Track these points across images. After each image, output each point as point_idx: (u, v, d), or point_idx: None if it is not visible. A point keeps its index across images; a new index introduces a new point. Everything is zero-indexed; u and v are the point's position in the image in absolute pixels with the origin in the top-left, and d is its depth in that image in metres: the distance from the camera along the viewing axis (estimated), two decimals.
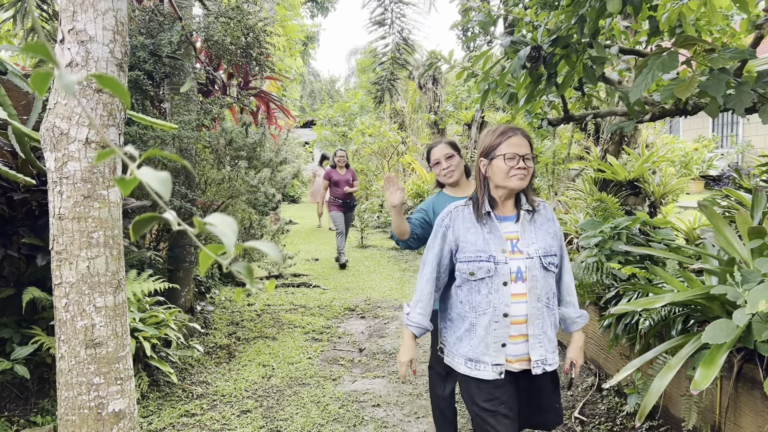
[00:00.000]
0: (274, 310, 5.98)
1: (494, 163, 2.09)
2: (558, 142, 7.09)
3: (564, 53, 3.27)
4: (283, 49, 12.08)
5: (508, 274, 2.04)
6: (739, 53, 2.77)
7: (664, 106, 3.57)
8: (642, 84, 2.49)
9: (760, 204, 2.75)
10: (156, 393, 3.84)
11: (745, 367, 2.68)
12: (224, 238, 0.64)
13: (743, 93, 2.69)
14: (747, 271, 2.45)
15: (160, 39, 3.98)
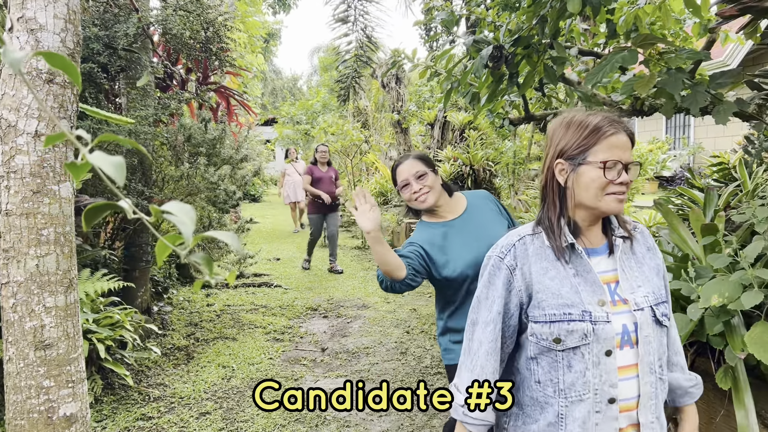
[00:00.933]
0: (235, 311, 5.88)
1: (582, 171, 1.39)
2: (519, 142, 7.19)
3: (525, 53, 3.31)
4: (245, 46, 11.91)
5: (612, 338, 1.37)
6: (695, 54, 2.85)
7: (621, 107, 3.65)
8: (599, 74, 2.54)
9: (712, 202, 2.84)
10: (111, 396, 3.72)
11: (698, 360, 2.76)
12: (182, 227, 0.61)
13: (698, 93, 2.77)
14: (700, 267, 2.52)
15: (116, 31, 3.85)
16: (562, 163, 1.42)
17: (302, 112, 15.83)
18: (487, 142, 8.32)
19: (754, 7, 2.82)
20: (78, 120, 3.81)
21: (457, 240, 2.20)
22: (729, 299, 2.21)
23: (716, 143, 12.85)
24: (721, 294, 2.23)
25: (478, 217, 2.28)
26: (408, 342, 4.89)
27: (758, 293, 2.15)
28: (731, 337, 2.30)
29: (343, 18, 4.86)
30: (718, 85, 2.78)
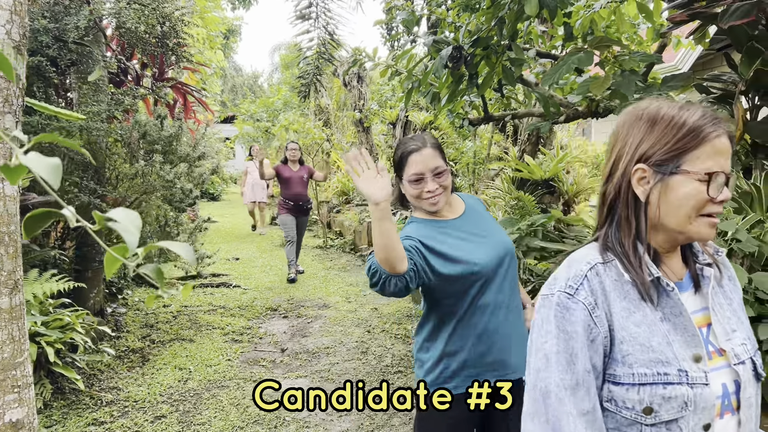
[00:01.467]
0: (192, 312, 5.76)
1: (675, 183, 1.04)
2: (479, 142, 7.27)
3: (484, 54, 3.34)
4: (203, 42, 11.69)
5: (712, 406, 1.02)
6: (648, 57, 2.93)
7: (577, 108, 3.72)
8: (555, 74, 2.58)
9: None
10: (61, 401, 3.60)
11: None
12: (126, 235, 0.58)
13: (651, 95, 2.85)
14: None
15: (66, 23, 3.72)
16: (644, 170, 1.07)
17: (263, 110, 15.64)
18: (447, 142, 8.38)
19: (702, 13, 2.91)
20: (26, 115, 3.66)
21: (460, 238, 1.91)
22: None
23: None
24: None
25: (479, 218, 2.03)
26: (369, 341, 4.88)
27: None
28: None
29: (305, 15, 4.82)
30: (670, 88, 2.86)
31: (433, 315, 1.93)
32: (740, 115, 2.86)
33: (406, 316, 5.60)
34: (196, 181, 4.95)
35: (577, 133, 10.84)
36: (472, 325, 1.84)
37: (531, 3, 2.64)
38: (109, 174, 4.60)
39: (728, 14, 2.59)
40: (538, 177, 5.15)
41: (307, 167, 7.56)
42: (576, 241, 3.81)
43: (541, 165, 5.19)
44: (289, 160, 7.40)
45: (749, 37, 2.83)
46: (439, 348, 1.88)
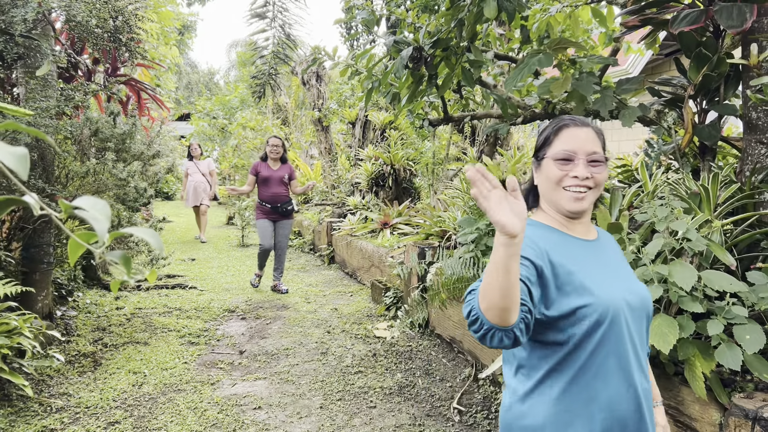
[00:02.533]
0: (146, 314, 5.62)
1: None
2: (438, 143, 7.33)
3: (444, 55, 3.37)
4: (157, 37, 11.40)
5: None
6: (604, 59, 3.01)
7: (534, 110, 3.79)
8: (518, 76, 2.63)
9: (617, 202, 3.01)
10: (8, 408, 3.45)
11: None
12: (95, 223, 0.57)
13: (606, 97, 2.93)
14: None
15: (12, 15, 3.57)
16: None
17: (219, 108, 15.38)
18: (407, 142, 8.42)
19: (654, 19, 3.01)
20: None
21: (596, 266, 1.46)
22: None
23: (620, 146, 13.68)
24: None
25: (615, 252, 1.60)
26: (329, 342, 4.86)
27: (658, 287, 2.30)
28: None
29: (261, 13, 4.76)
30: (624, 91, 2.95)
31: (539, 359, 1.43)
32: (689, 119, 2.96)
33: (366, 316, 5.60)
34: (150, 180, 4.82)
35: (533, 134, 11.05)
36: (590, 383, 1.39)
37: (490, 5, 2.68)
38: (59, 172, 4.44)
39: (678, 20, 2.69)
40: (496, 177, 5.23)
41: (288, 167, 6.77)
42: None
43: (499, 165, 5.27)
44: (269, 156, 6.64)
45: (698, 43, 2.94)
46: (549, 401, 1.41)
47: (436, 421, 3.43)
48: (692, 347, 2.32)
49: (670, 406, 2.48)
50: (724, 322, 2.23)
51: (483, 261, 3.83)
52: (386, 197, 8.41)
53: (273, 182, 6.59)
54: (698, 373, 2.27)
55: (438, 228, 5.17)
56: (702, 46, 2.92)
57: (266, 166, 6.63)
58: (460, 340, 4.42)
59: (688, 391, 2.40)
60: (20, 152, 0.51)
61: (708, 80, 2.93)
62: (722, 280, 2.27)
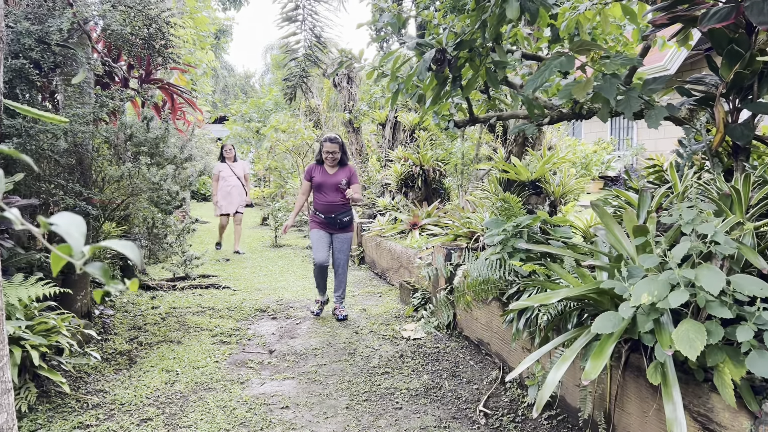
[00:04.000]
0: (180, 313, 5.75)
1: None
2: (468, 143, 7.29)
3: (468, 57, 3.35)
4: (193, 42, 11.66)
5: None
6: (629, 60, 2.95)
7: (561, 110, 3.74)
8: (538, 79, 2.60)
9: (645, 203, 2.95)
10: (46, 405, 3.59)
11: (632, 356, 2.86)
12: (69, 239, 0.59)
13: (631, 98, 2.87)
14: (632, 267, 2.62)
15: (49, 26, 3.70)
16: None
17: (254, 110, 15.62)
18: (436, 142, 8.40)
19: (683, 16, 2.93)
20: (9, 118, 3.64)
21: None
22: (658, 298, 2.29)
23: (657, 144, 13.35)
24: (651, 293, 2.31)
25: None
26: (357, 342, 4.89)
27: (684, 292, 2.25)
28: (660, 334, 2.39)
29: (291, 17, 4.82)
30: (650, 91, 2.88)
31: None
32: (720, 118, 2.88)
33: (395, 317, 5.61)
34: (182, 183, 4.94)
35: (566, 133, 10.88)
36: None
37: (512, 6, 2.66)
38: (96, 176, 4.59)
39: (708, 17, 2.62)
40: (524, 178, 5.17)
41: (348, 170, 5.74)
42: (562, 242, 3.84)
43: (528, 166, 5.21)
44: (325, 160, 5.68)
45: (729, 40, 2.86)
46: None
47: (461, 424, 3.42)
48: (721, 353, 2.27)
49: (699, 413, 2.42)
50: (755, 327, 2.17)
51: (510, 263, 3.80)
52: (415, 198, 8.40)
53: (328, 189, 5.62)
54: (728, 380, 2.21)
55: (466, 229, 5.15)
56: (734, 43, 2.83)
57: (321, 170, 5.69)
58: (487, 342, 4.39)
59: (717, 398, 2.34)
60: None
61: (740, 78, 2.85)
62: (753, 284, 2.21)
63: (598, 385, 3.03)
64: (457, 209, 6.09)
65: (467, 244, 4.99)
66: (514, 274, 3.80)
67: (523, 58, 4.12)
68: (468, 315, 4.67)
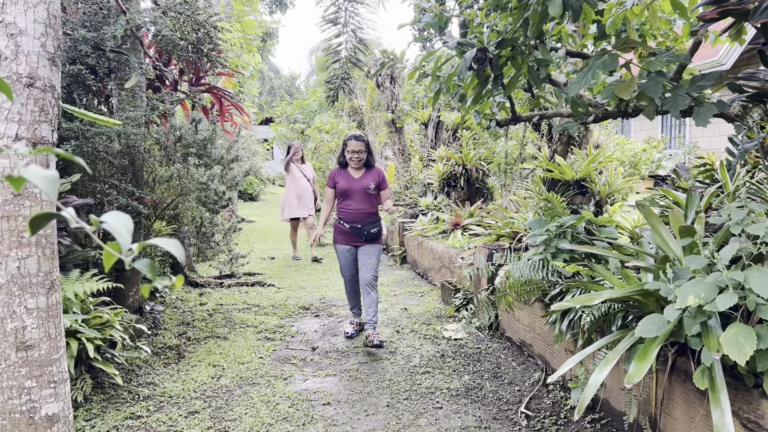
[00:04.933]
0: (227, 310, 5.90)
1: None
2: (512, 142, 7.22)
3: (510, 55, 3.33)
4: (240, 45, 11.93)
5: None
6: (675, 57, 2.87)
7: (606, 108, 3.67)
8: (581, 81, 2.56)
9: (693, 203, 2.87)
10: (100, 395, 3.75)
11: (679, 360, 2.79)
12: (118, 236, 0.64)
13: (678, 96, 2.79)
14: (678, 268, 2.55)
15: (104, 33, 3.87)
16: None
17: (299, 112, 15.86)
18: (479, 142, 8.34)
19: (734, 10, 2.84)
20: (68, 121, 3.83)
21: None
22: (705, 300, 2.23)
23: (711, 142, 12.88)
24: (698, 295, 2.25)
25: None
26: (398, 341, 4.91)
27: (733, 295, 2.18)
28: (707, 337, 2.33)
29: (333, 19, 4.89)
30: (699, 88, 2.80)
31: None
32: None
33: (436, 317, 5.61)
34: (229, 183, 5.07)
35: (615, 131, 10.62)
36: None
37: (555, 4, 2.63)
38: (147, 177, 4.76)
39: (760, 11, 2.53)
40: (569, 177, 5.09)
41: (376, 172, 4.99)
42: (606, 243, 3.76)
43: (573, 165, 5.13)
44: (349, 163, 4.94)
45: None
46: None
47: (502, 425, 3.40)
48: None
49: (749, 419, 2.35)
50: None
51: (553, 264, 3.75)
52: (458, 198, 8.37)
53: (354, 195, 4.90)
54: None
55: (509, 229, 5.10)
56: None
57: (345, 175, 4.95)
58: (530, 344, 4.35)
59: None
60: (50, 176, 0.59)
61: None
62: None
63: (643, 389, 2.96)
64: (500, 209, 6.04)
65: (510, 244, 4.94)
66: (557, 275, 3.75)
67: (568, 56, 4.06)
68: (510, 316, 4.63)
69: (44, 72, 2.02)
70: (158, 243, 0.69)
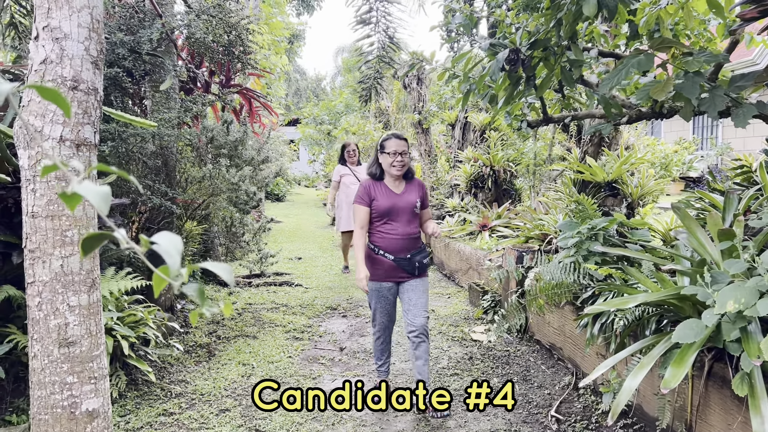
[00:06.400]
0: (256, 309, 5.97)
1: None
2: (540, 143, 7.15)
3: (542, 56, 3.31)
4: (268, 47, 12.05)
5: None
6: (713, 57, 2.82)
7: (640, 109, 3.62)
8: (614, 79, 2.53)
9: (731, 206, 2.81)
10: (134, 392, 3.82)
11: (716, 366, 2.73)
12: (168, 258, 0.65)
13: (716, 96, 2.74)
14: (717, 272, 2.50)
15: (140, 36, 3.95)
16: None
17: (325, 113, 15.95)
18: (507, 143, 8.29)
19: None
20: (105, 123, 3.92)
21: None
22: (745, 305, 2.19)
23: (745, 143, 12.59)
24: (737, 300, 2.21)
25: None
26: None
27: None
28: (747, 343, 2.28)
29: (365, 19, 4.90)
30: (738, 88, 2.75)
31: None
32: None
33: (464, 319, 5.59)
34: (259, 183, 5.13)
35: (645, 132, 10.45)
36: None
37: (589, 3, 2.60)
38: (179, 177, 4.84)
39: None
40: (600, 179, 5.02)
41: (418, 185, 3.80)
42: (640, 246, 3.71)
43: (604, 167, 5.06)
44: (389, 174, 3.68)
45: None
46: None
47: (532, 428, 3.38)
48: None
49: None
50: None
51: (584, 266, 3.71)
52: (485, 199, 8.32)
53: (400, 215, 3.65)
54: None
55: (538, 231, 5.06)
56: None
57: (384, 189, 3.69)
58: (560, 347, 4.30)
59: None
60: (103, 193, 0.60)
61: None
62: None
63: (678, 395, 2.91)
64: (529, 211, 5.99)
65: (539, 246, 4.90)
66: (589, 278, 3.70)
67: (600, 56, 4.01)
68: (539, 319, 4.59)
69: (87, 75, 2.07)
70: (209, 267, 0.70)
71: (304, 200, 20.48)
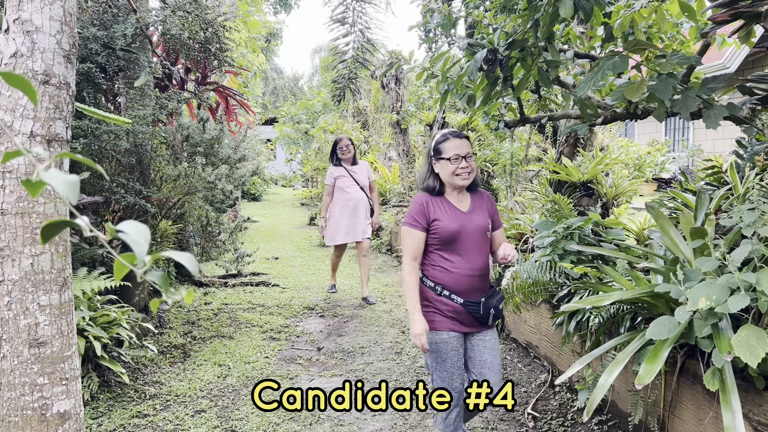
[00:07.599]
0: (232, 309, 5.91)
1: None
2: (517, 143, 7.21)
3: (520, 56, 3.33)
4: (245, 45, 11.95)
5: None
6: (686, 59, 2.87)
7: (615, 110, 3.67)
8: (590, 81, 2.56)
9: (703, 205, 2.87)
10: (107, 393, 3.75)
11: (688, 362, 2.79)
12: (135, 246, 0.63)
13: (688, 98, 2.79)
14: (689, 270, 2.55)
15: (114, 31, 3.88)
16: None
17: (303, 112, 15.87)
18: (484, 143, 8.34)
19: (746, 12, 2.84)
20: (77, 119, 3.84)
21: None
22: (716, 302, 2.23)
23: (715, 145, 12.87)
24: (709, 297, 2.25)
25: None
26: (404, 342, 4.91)
27: (744, 297, 2.18)
28: (718, 339, 2.33)
29: (341, 19, 4.90)
30: (709, 90, 2.80)
31: None
32: None
33: None
34: (236, 182, 5.08)
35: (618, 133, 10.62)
36: None
37: (566, 5, 2.63)
38: (154, 175, 4.77)
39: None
40: (575, 179, 5.09)
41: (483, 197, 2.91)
42: (614, 245, 3.76)
43: (579, 167, 5.13)
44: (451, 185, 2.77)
45: None
46: None
47: (509, 426, 3.40)
48: None
49: (759, 422, 2.34)
50: None
51: (560, 265, 3.75)
52: None
53: (469, 243, 2.74)
54: None
55: (515, 231, 5.10)
56: None
57: (447, 206, 2.77)
58: (536, 345, 4.34)
59: None
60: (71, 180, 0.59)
61: None
62: None
63: (651, 390, 2.96)
64: (506, 210, 6.04)
65: (516, 245, 4.94)
66: (565, 277, 3.74)
67: (576, 57, 4.06)
68: (516, 317, 4.62)
69: (59, 69, 2.02)
70: (173, 255, 0.69)
71: (281, 200, 20.36)
